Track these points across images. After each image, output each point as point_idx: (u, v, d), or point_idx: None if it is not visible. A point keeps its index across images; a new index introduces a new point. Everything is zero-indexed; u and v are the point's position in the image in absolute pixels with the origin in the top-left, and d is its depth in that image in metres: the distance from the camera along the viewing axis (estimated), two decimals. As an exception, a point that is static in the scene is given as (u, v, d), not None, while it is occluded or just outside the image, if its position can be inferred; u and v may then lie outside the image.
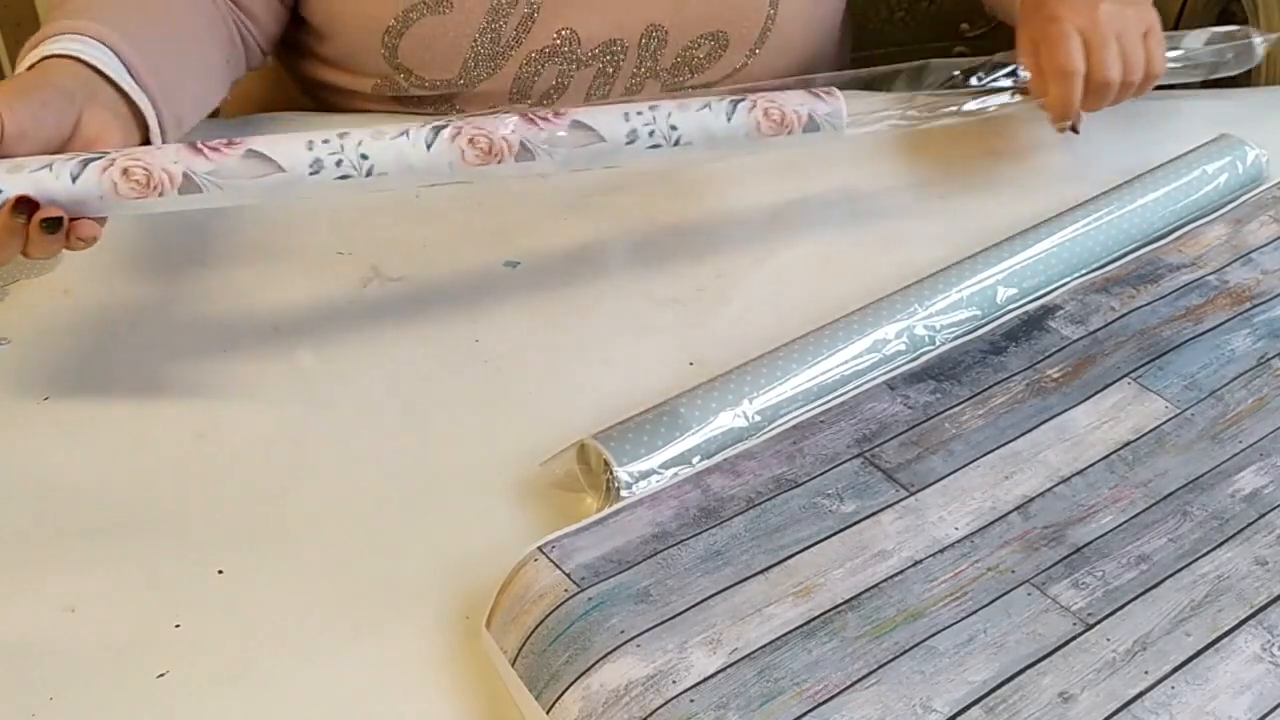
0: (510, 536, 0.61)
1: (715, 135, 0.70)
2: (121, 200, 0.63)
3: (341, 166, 0.64)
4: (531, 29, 0.86)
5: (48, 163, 0.62)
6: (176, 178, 0.63)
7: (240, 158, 0.64)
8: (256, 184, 0.64)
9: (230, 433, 0.67)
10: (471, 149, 0.66)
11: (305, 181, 0.64)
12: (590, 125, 0.68)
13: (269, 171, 0.64)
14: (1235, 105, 0.95)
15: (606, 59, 0.88)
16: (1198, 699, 0.50)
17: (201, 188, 0.63)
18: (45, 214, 0.62)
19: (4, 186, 0.61)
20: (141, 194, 0.63)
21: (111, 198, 0.63)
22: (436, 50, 0.87)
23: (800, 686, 0.50)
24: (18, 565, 0.60)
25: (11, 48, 1.41)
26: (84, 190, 0.62)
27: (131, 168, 0.63)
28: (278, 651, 0.57)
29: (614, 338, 0.74)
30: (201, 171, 0.63)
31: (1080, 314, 0.70)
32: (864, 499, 0.59)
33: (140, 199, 0.63)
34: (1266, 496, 0.59)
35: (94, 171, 0.62)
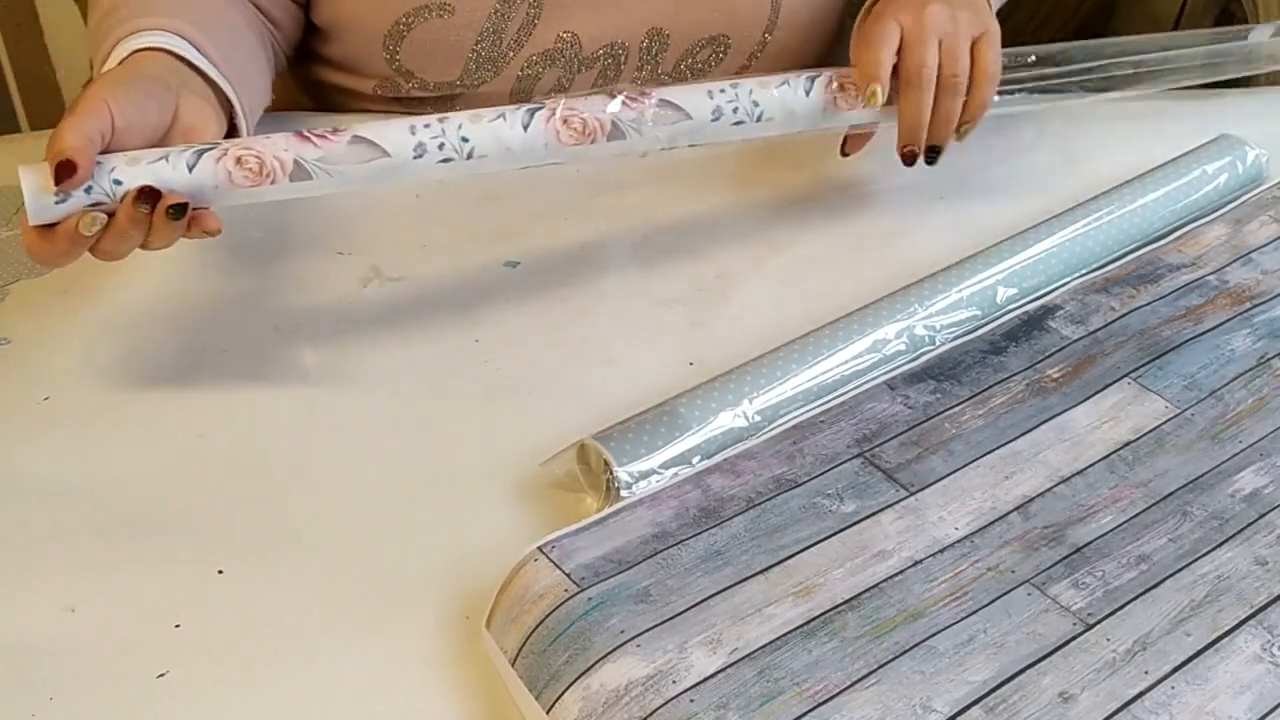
0: (510, 536, 0.61)
1: (794, 110, 0.74)
2: (236, 189, 0.64)
3: (444, 150, 0.66)
4: (533, 32, 0.86)
5: (164, 154, 0.63)
6: (288, 165, 0.64)
7: (347, 144, 0.65)
8: (364, 169, 0.65)
9: (230, 433, 0.67)
10: (566, 129, 0.68)
11: (410, 165, 0.66)
12: (678, 104, 0.70)
13: (375, 156, 0.65)
14: (1235, 105, 0.95)
15: (608, 62, 0.88)
16: (1198, 699, 0.50)
17: (312, 174, 0.64)
18: (170, 201, 0.62)
19: (123, 179, 0.62)
20: (255, 182, 0.64)
21: (227, 186, 0.64)
22: (438, 53, 0.87)
23: (800, 686, 0.50)
24: (18, 565, 0.60)
25: (11, 48, 1.41)
26: (200, 180, 0.63)
27: (245, 156, 0.64)
28: (278, 651, 0.57)
29: (614, 338, 0.74)
30: (311, 158, 0.64)
31: (1080, 314, 0.70)
32: (864, 499, 0.59)
33: (254, 187, 0.64)
34: (1266, 496, 0.59)
35: (209, 161, 0.63)
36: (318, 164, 0.64)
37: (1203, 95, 0.96)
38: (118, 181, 0.62)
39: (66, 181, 0.60)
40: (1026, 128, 0.91)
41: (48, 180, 0.61)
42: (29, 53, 1.39)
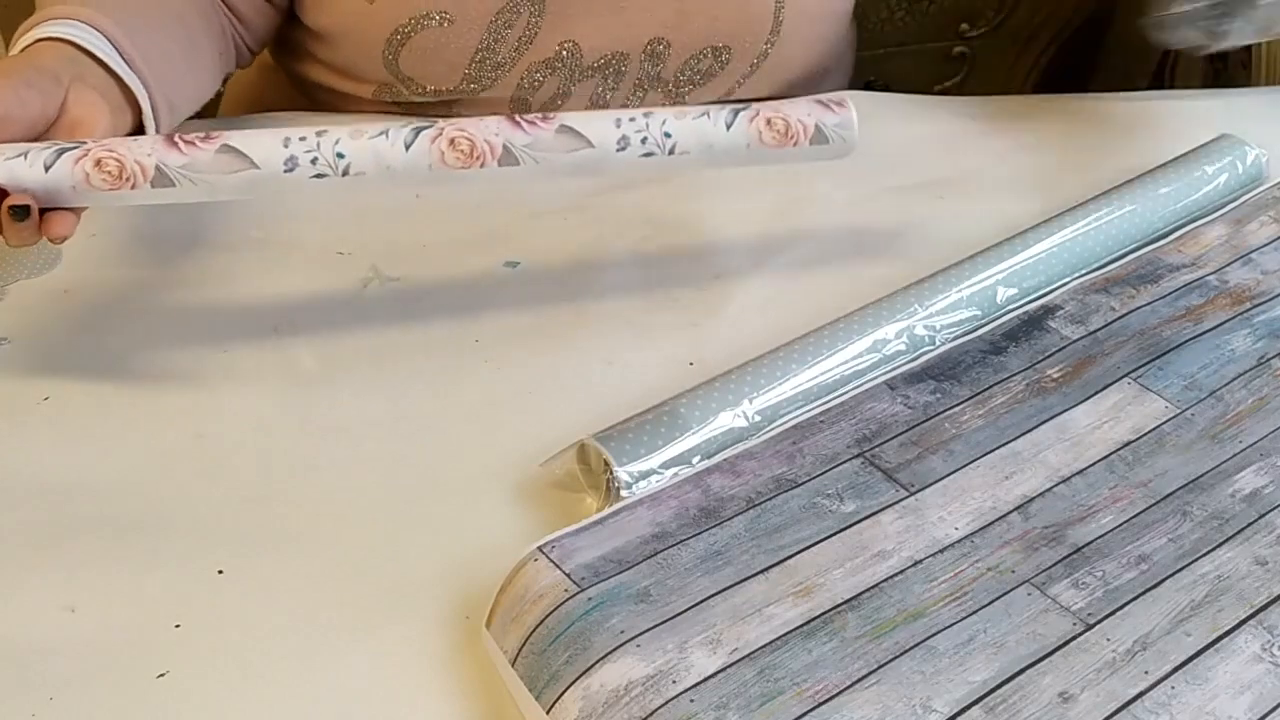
0: (510, 536, 0.61)
1: (713, 146, 0.68)
2: (93, 191, 0.63)
3: (317, 165, 0.64)
4: (534, 41, 0.86)
5: (23, 150, 0.62)
6: (149, 171, 0.63)
7: (215, 153, 0.63)
8: (229, 179, 0.64)
9: (230, 433, 0.67)
10: (452, 150, 0.65)
11: (279, 179, 0.64)
12: (579, 130, 0.66)
13: (243, 167, 0.63)
14: (1235, 105, 0.95)
15: (608, 71, 0.88)
16: (1198, 699, 0.50)
17: (174, 182, 0.63)
18: (12, 201, 0.62)
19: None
20: (113, 185, 0.63)
21: (84, 188, 0.63)
22: (438, 60, 0.86)
23: (800, 687, 0.50)
24: (18, 565, 0.60)
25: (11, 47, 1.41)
26: (57, 180, 0.62)
27: (105, 159, 0.62)
28: (278, 651, 0.57)
29: (614, 338, 0.74)
30: (174, 165, 0.63)
31: (1080, 314, 0.70)
32: (864, 499, 0.59)
33: (112, 190, 0.63)
34: (1266, 496, 0.59)
35: (68, 161, 0.62)
36: (181, 171, 0.63)
37: (1203, 95, 0.97)
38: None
39: None
40: (1026, 128, 0.91)
41: None
42: (29, 53, 1.39)
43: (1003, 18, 1.28)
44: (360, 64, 0.88)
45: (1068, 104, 0.96)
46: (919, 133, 0.91)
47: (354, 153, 0.64)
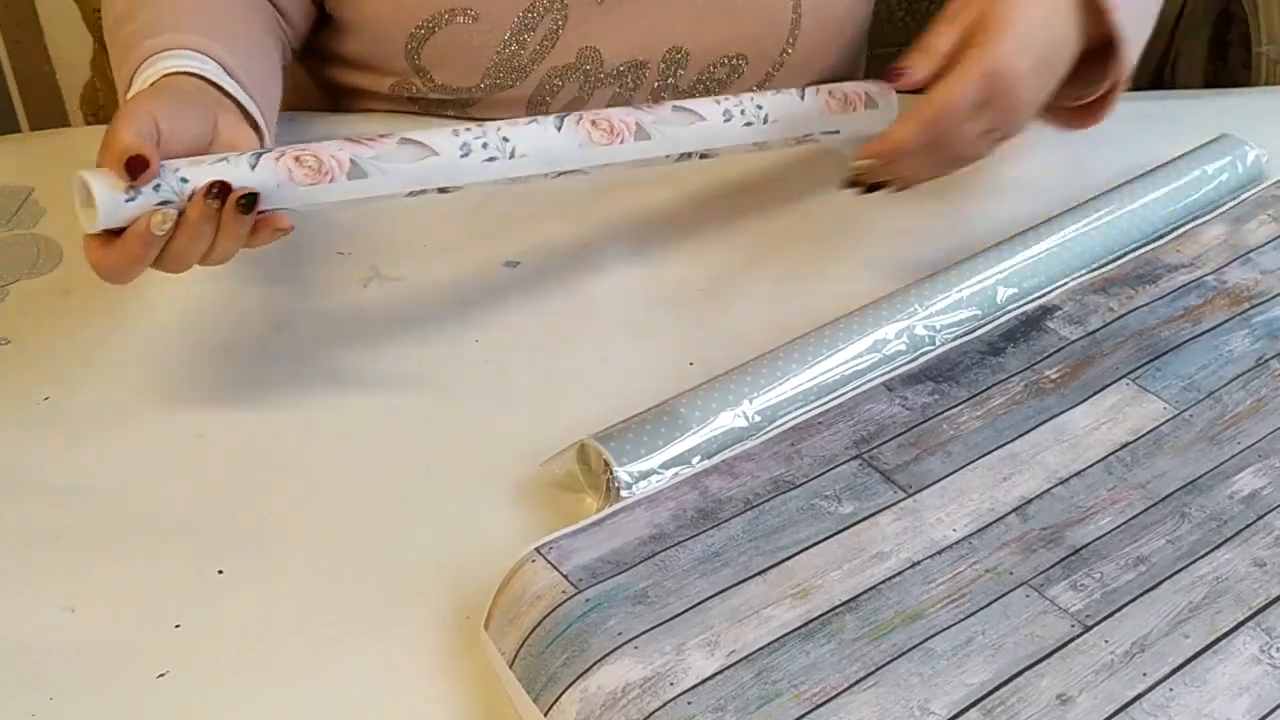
0: (510, 536, 0.61)
1: (795, 115, 0.76)
2: (297, 186, 0.64)
3: (488, 149, 0.67)
4: (556, 44, 0.86)
5: (222, 157, 0.64)
6: (345, 163, 0.65)
7: (396, 144, 0.66)
8: (416, 167, 0.66)
9: (230, 433, 0.68)
10: (595, 130, 0.70)
11: (458, 164, 0.67)
12: (691, 109, 0.72)
13: (425, 155, 0.66)
14: (1235, 105, 0.95)
15: (627, 78, 0.88)
16: (1196, 701, 0.50)
17: (367, 172, 0.65)
18: (241, 192, 0.62)
19: (189, 177, 0.62)
20: (315, 179, 0.64)
21: (289, 184, 0.64)
22: (460, 57, 0.87)
23: (798, 688, 0.50)
24: (18, 565, 0.60)
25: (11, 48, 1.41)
26: (262, 178, 0.63)
27: (302, 156, 0.64)
28: (278, 651, 0.57)
29: (614, 338, 0.74)
30: (366, 157, 0.65)
31: (1079, 315, 0.70)
32: (862, 500, 0.59)
33: (313, 185, 0.64)
34: (1265, 498, 0.59)
35: (269, 160, 0.64)
36: (373, 161, 0.65)
37: (1203, 95, 0.96)
38: (184, 179, 0.62)
39: (140, 176, 0.60)
40: (1026, 128, 0.91)
41: (115, 180, 0.61)
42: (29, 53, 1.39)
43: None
44: (382, 55, 0.88)
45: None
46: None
47: (516, 136, 0.68)
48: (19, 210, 0.82)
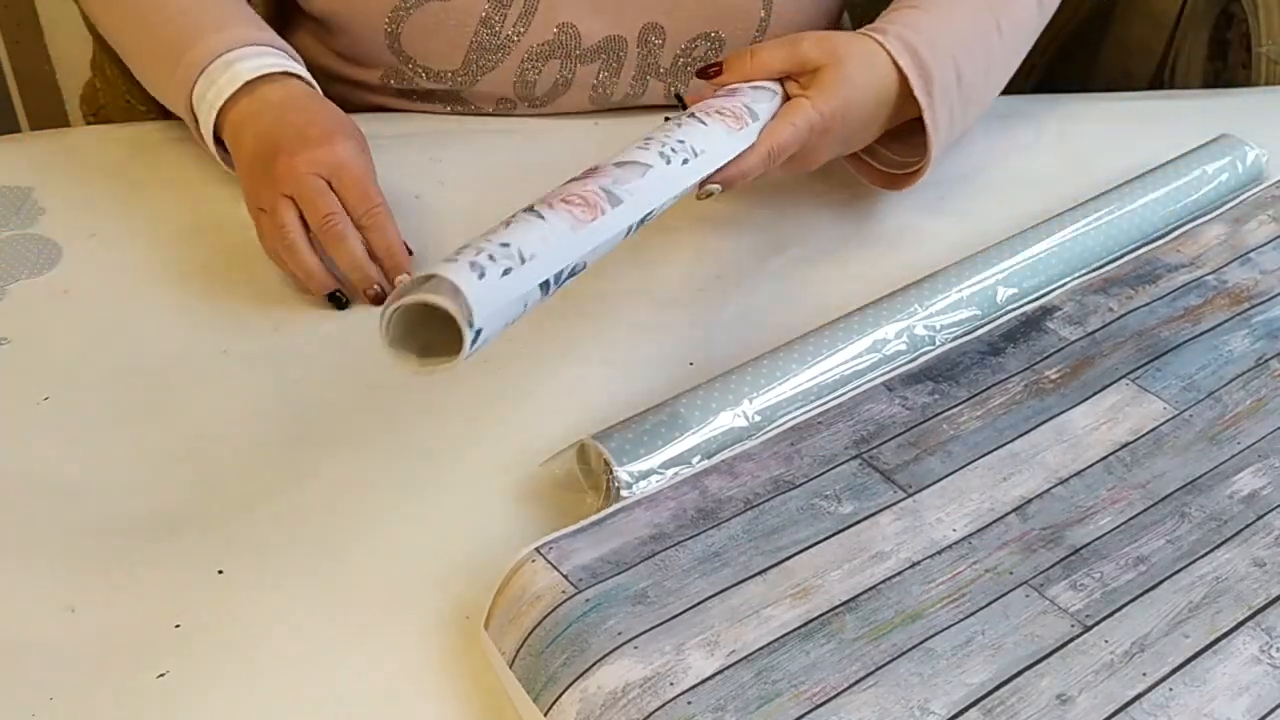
0: (510, 536, 0.61)
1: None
2: (586, 224, 0.59)
3: (678, 151, 0.65)
4: (531, 23, 0.87)
5: (507, 222, 0.58)
6: (601, 195, 0.61)
7: (614, 167, 0.63)
8: (646, 182, 0.62)
9: (230, 433, 0.68)
10: (722, 118, 0.69)
11: (669, 171, 0.64)
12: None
13: (644, 169, 0.63)
14: (1235, 105, 0.95)
15: (607, 55, 0.89)
16: (1196, 700, 0.50)
17: (621, 198, 0.61)
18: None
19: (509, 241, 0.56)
20: (593, 215, 0.59)
21: (581, 225, 0.59)
22: (438, 40, 0.87)
23: (798, 688, 0.50)
24: (18, 565, 0.60)
25: (11, 48, 1.41)
26: (555, 224, 0.58)
27: (567, 197, 0.60)
28: (278, 651, 0.57)
29: (614, 338, 0.74)
30: (609, 185, 0.61)
31: (1078, 315, 0.70)
32: (862, 500, 0.59)
33: (594, 220, 0.59)
34: (1265, 498, 0.59)
35: (548, 211, 0.59)
36: (617, 189, 0.61)
37: (1203, 95, 0.96)
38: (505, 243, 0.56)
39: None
40: (1026, 128, 0.91)
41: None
42: (29, 53, 1.39)
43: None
44: (365, 47, 0.89)
45: (1068, 104, 0.95)
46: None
47: (687, 135, 0.66)
48: (19, 210, 0.82)
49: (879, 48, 0.75)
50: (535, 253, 0.56)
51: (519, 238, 0.56)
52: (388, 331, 0.54)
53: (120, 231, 0.81)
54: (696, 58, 0.90)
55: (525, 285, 0.56)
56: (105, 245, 0.79)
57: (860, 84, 0.74)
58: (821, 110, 0.72)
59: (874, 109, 0.75)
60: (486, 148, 0.89)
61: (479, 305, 0.53)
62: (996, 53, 0.81)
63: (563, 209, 0.59)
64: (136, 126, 0.93)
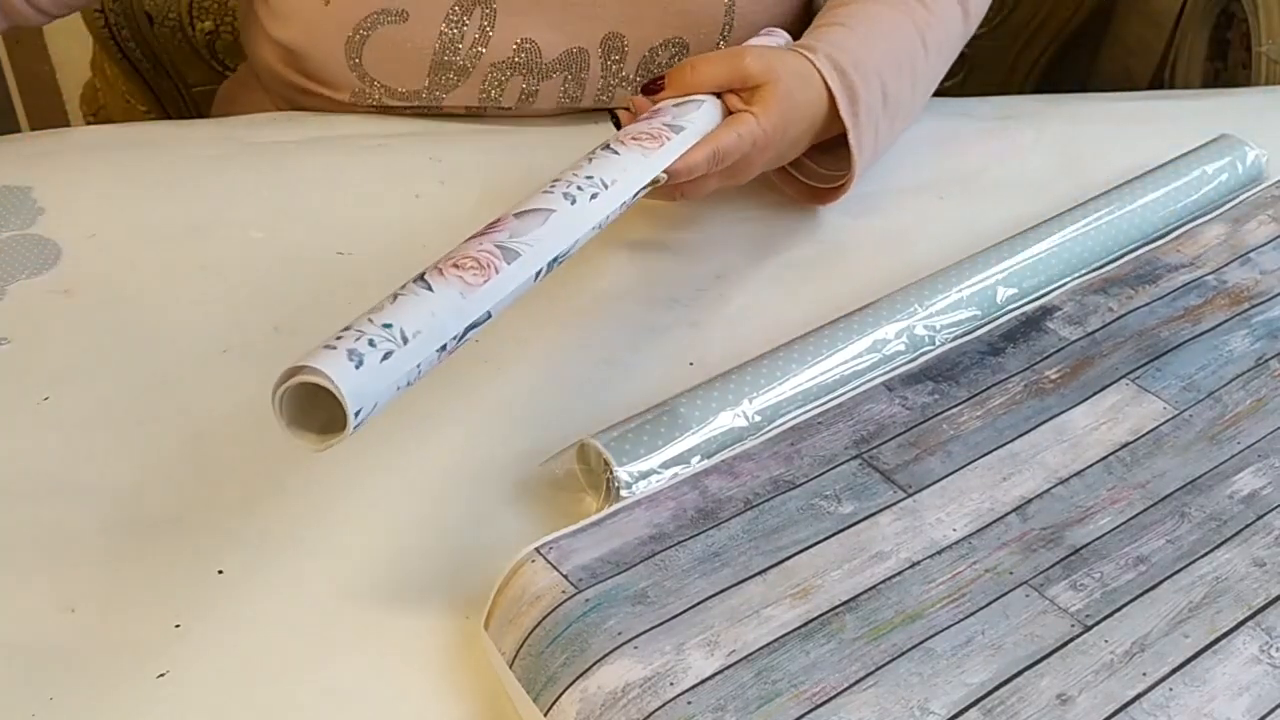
0: (510, 536, 0.61)
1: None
2: (476, 290, 0.59)
3: (586, 188, 0.65)
4: (490, 40, 0.86)
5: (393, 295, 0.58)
6: (495, 253, 0.60)
7: (514, 219, 0.62)
8: (548, 229, 0.62)
9: (230, 433, 0.67)
10: (638, 143, 0.69)
11: (575, 211, 0.64)
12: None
13: (546, 216, 0.63)
14: (1235, 105, 0.95)
15: (571, 68, 0.88)
16: (1196, 700, 0.50)
17: (518, 251, 0.61)
18: None
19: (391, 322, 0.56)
20: (487, 276, 0.59)
21: (470, 290, 0.58)
22: (399, 60, 0.87)
23: (798, 688, 0.50)
24: (18, 565, 0.60)
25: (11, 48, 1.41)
26: (443, 295, 0.58)
27: (459, 261, 0.59)
28: (278, 651, 0.57)
29: (614, 337, 0.74)
30: (504, 240, 0.61)
31: (1078, 315, 0.70)
32: (862, 500, 0.59)
33: (487, 281, 0.59)
34: (1265, 498, 0.59)
35: (437, 279, 0.58)
36: (514, 242, 0.61)
37: (1203, 95, 0.97)
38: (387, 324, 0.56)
39: None
40: (1026, 128, 0.91)
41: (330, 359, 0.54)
42: (29, 53, 1.39)
43: (1003, 18, 1.28)
44: (329, 70, 0.89)
45: (1068, 104, 0.96)
46: (919, 133, 0.90)
47: (596, 169, 0.66)
48: (19, 210, 0.82)
49: (811, 66, 0.76)
50: (419, 329, 0.56)
51: (402, 318, 0.56)
52: (282, 413, 0.55)
53: (120, 231, 0.81)
54: (661, 64, 0.90)
55: (410, 363, 0.56)
56: (105, 245, 0.79)
57: (798, 101, 0.75)
58: (764, 126, 0.74)
59: (807, 126, 0.77)
60: (487, 147, 0.89)
61: (354, 396, 0.53)
62: (922, 67, 0.83)
63: (453, 275, 0.59)
64: (136, 126, 0.93)
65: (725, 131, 0.73)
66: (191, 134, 0.91)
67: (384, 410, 0.55)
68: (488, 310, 0.59)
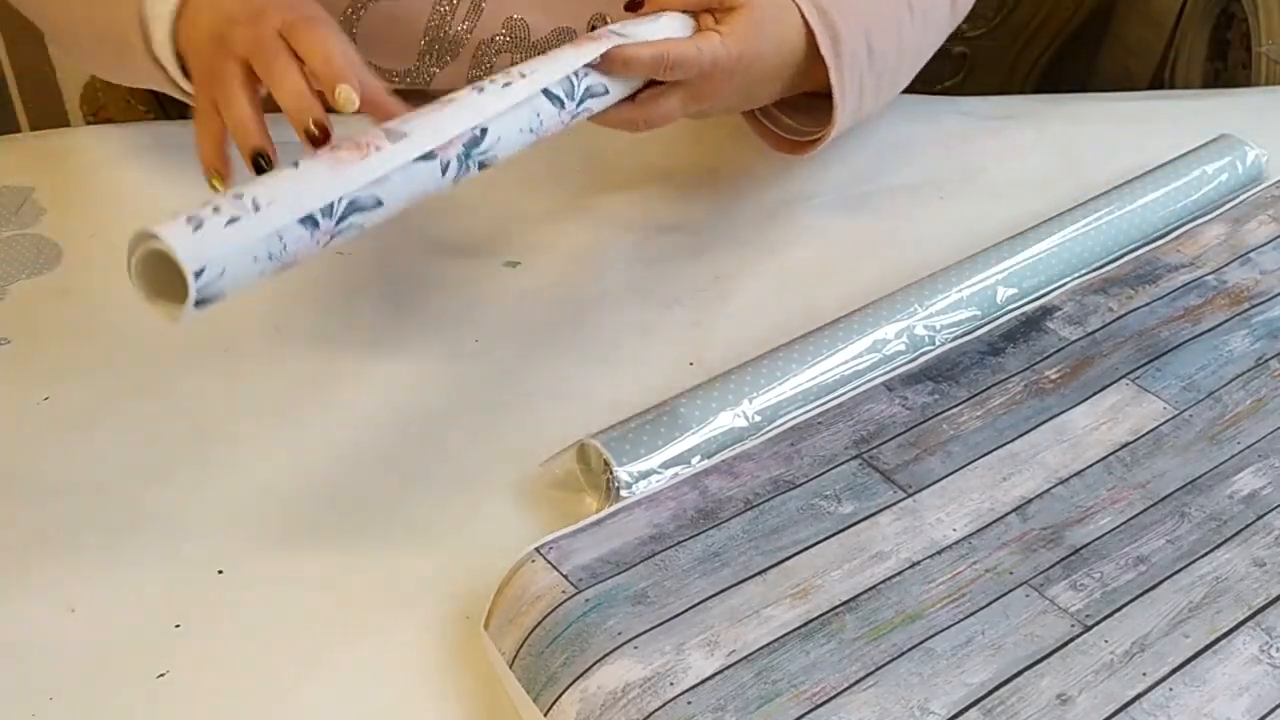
0: (510, 536, 0.61)
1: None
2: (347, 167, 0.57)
3: (501, 79, 0.63)
4: (480, 18, 0.87)
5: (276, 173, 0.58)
6: (378, 134, 0.59)
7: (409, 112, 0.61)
8: (447, 113, 0.61)
9: (230, 432, 0.68)
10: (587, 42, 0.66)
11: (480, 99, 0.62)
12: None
13: (446, 104, 0.61)
14: (1235, 105, 0.95)
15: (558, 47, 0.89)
16: (1196, 700, 0.50)
17: (406, 132, 0.59)
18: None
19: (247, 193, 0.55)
20: (363, 153, 0.58)
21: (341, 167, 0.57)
22: (390, 39, 0.87)
23: (798, 688, 0.50)
24: (18, 565, 0.60)
25: (11, 48, 1.41)
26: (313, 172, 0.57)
27: (335, 144, 0.58)
28: (278, 651, 0.57)
29: (614, 338, 0.74)
30: (394, 125, 0.59)
31: (1078, 315, 0.70)
32: (862, 500, 0.59)
33: (364, 159, 0.57)
34: (1265, 498, 0.59)
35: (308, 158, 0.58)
36: (401, 126, 0.59)
37: (1203, 95, 0.97)
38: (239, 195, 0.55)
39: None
40: (1026, 128, 0.91)
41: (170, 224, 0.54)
42: (29, 53, 1.39)
43: (1003, 18, 1.28)
44: None
45: (1068, 104, 0.95)
46: (919, 133, 0.91)
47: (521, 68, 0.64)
48: (19, 210, 0.82)
49: (790, 3, 0.74)
50: (273, 200, 0.55)
51: (255, 188, 0.55)
52: (138, 282, 0.55)
53: (120, 231, 0.80)
54: None
55: (261, 230, 0.54)
56: (105, 245, 0.79)
57: (770, 35, 0.73)
58: (730, 49, 0.71)
59: (779, 64, 0.74)
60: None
61: (192, 259, 0.53)
62: (908, 34, 0.81)
63: (325, 154, 0.58)
64: (136, 126, 0.93)
65: (684, 42, 0.70)
66: (191, 134, 0.91)
67: (245, 282, 0.54)
68: (375, 196, 0.58)
